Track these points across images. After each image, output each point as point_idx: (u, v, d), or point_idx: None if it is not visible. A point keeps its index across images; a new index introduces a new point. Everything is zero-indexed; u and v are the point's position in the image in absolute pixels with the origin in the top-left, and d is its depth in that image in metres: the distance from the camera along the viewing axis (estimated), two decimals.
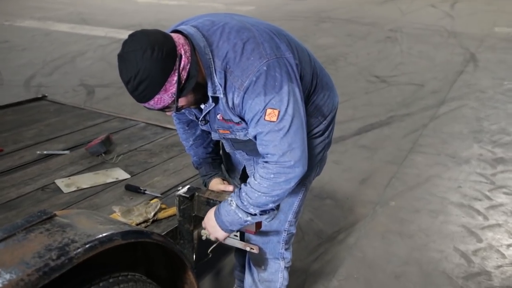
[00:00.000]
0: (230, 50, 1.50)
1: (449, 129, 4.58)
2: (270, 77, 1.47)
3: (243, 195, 1.61)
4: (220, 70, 1.50)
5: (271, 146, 1.51)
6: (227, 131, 1.68)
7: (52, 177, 2.37)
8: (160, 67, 1.38)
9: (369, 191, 3.53)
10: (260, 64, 1.47)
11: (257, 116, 1.49)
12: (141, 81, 1.38)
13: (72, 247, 1.23)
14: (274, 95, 1.47)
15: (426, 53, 7.25)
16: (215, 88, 1.52)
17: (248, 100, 1.49)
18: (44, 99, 3.63)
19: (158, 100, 1.43)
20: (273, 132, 1.49)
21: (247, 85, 1.47)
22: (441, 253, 2.84)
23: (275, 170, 1.53)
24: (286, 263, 2.02)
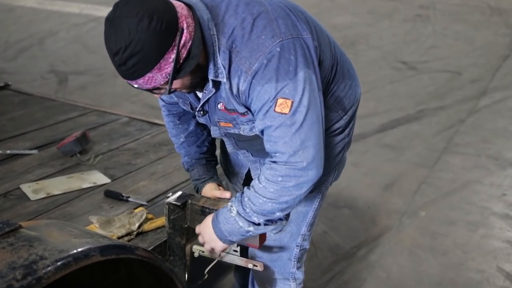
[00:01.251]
0: (238, 26, 1.48)
1: (491, 126, 4.57)
2: (284, 60, 1.45)
3: (245, 201, 1.58)
4: (224, 49, 1.48)
5: (280, 143, 1.48)
6: (230, 124, 1.65)
7: (17, 182, 2.37)
8: (157, 40, 1.34)
9: (394, 198, 3.53)
10: (272, 44, 1.45)
11: (266, 107, 1.47)
12: (132, 55, 1.34)
13: (40, 265, 1.23)
14: (287, 82, 1.45)
15: (464, 34, 7.23)
16: (217, 71, 1.50)
17: (256, 86, 1.46)
18: (7, 88, 3.64)
19: (149, 79, 1.40)
20: (284, 126, 1.46)
21: (256, 68, 1.45)
22: (482, 274, 2.83)
23: (284, 172, 1.50)
24: (297, 284, 2.00)
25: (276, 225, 1.64)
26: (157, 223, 2.01)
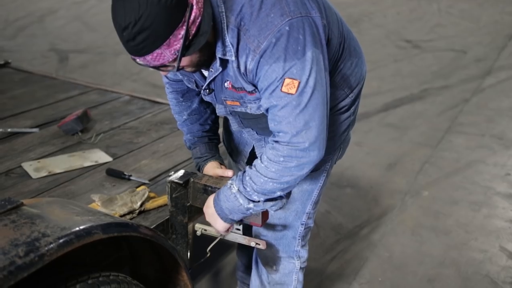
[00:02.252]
0: (246, 3, 1.46)
1: (496, 105, 4.56)
2: (293, 39, 1.44)
3: (246, 179, 1.57)
4: (233, 27, 1.46)
5: (284, 122, 1.47)
6: (237, 103, 1.64)
7: (18, 160, 2.37)
8: (167, 16, 1.31)
9: (397, 178, 3.54)
10: (281, 22, 1.44)
11: (273, 86, 1.46)
12: (142, 30, 1.31)
13: (43, 242, 1.24)
14: (295, 61, 1.44)
15: (469, 13, 7.19)
16: (225, 49, 1.49)
17: (264, 65, 1.45)
18: (7, 66, 3.64)
19: (157, 56, 1.38)
20: (289, 106, 1.45)
21: (265, 47, 1.43)
22: (484, 254, 2.84)
23: (285, 153, 1.50)
24: (301, 263, 2.02)
25: (275, 202, 1.63)
26: (159, 202, 2.01)
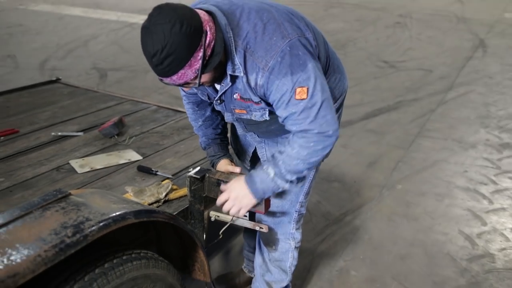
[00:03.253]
0: (251, 30, 1.48)
1: (456, 114, 4.55)
2: (295, 56, 1.46)
3: (280, 164, 1.58)
4: (240, 49, 1.48)
5: (307, 122, 1.50)
6: (244, 111, 1.65)
7: (66, 158, 2.38)
8: (188, 42, 1.33)
9: (376, 174, 3.53)
10: (283, 44, 1.46)
11: (286, 96, 1.48)
12: (168, 55, 1.33)
13: (86, 225, 1.25)
14: (300, 73, 1.46)
15: (435, 39, 7.17)
16: (234, 67, 1.50)
17: (274, 80, 1.47)
18: (58, 82, 3.64)
19: (181, 75, 1.40)
20: (307, 109, 1.49)
21: (272, 65, 1.45)
22: (446, 236, 2.84)
23: (315, 139, 1.53)
24: (296, 243, 2.03)
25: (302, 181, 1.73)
26: (180, 193, 2.01)
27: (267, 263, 2.07)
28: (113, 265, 1.33)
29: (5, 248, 1.15)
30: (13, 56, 6.52)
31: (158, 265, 1.47)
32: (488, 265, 2.59)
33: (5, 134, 2.63)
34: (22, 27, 8.15)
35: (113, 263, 1.33)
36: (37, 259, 1.12)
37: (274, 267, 2.06)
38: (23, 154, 2.42)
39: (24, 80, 5.14)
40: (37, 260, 1.12)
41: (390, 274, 2.54)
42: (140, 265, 1.40)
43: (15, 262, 1.11)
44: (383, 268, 2.59)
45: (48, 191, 1.41)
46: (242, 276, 2.46)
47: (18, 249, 1.14)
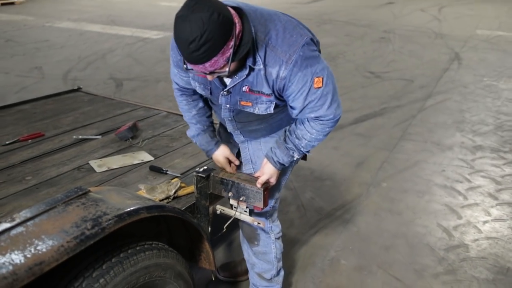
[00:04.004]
0: (272, 28, 1.48)
1: (434, 120, 4.55)
2: (310, 51, 1.50)
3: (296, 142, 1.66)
4: (262, 44, 1.46)
5: (324, 108, 1.55)
6: (250, 103, 1.61)
7: (86, 159, 2.38)
8: (223, 30, 1.29)
9: (363, 173, 3.53)
10: (302, 41, 1.48)
11: (307, 86, 1.50)
12: (206, 42, 1.27)
13: (104, 219, 1.25)
14: (316, 65, 1.50)
15: (415, 52, 7.18)
16: (255, 60, 1.47)
17: (297, 72, 1.47)
18: (79, 90, 3.64)
19: (214, 62, 1.34)
20: (323, 96, 1.53)
21: (296, 58, 1.46)
22: (426, 228, 2.84)
23: (330, 123, 1.60)
24: (275, 234, 2.00)
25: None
26: (188, 190, 2.01)
27: (252, 257, 2.04)
28: (128, 255, 1.33)
29: (32, 239, 1.15)
30: (40, 67, 6.52)
31: (168, 255, 1.47)
32: (463, 254, 2.59)
33: (32, 138, 2.63)
34: (48, 42, 8.15)
35: (128, 253, 1.34)
36: (61, 249, 1.12)
37: (260, 259, 2.03)
38: (48, 155, 2.43)
39: (49, 89, 5.14)
40: (60, 250, 1.12)
41: (376, 263, 2.54)
42: (152, 255, 1.40)
43: (41, 251, 1.11)
44: (370, 257, 2.58)
45: (70, 188, 1.41)
46: (243, 264, 2.46)
47: (44, 240, 1.14)
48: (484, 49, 7.31)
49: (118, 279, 1.29)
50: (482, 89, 5.45)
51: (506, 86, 5.54)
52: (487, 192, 3.23)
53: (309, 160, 3.31)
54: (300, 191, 3.25)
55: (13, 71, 6.37)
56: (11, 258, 1.08)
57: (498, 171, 3.52)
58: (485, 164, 3.64)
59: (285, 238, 2.56)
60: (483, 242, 2.71)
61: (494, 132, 4.22)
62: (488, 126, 4.36)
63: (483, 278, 2.41)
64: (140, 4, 12.50)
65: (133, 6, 12.13)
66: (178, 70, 1.72)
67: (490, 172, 3.51)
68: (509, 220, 2.91)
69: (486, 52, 7.15)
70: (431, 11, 10.89)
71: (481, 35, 8.34)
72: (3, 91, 5.47)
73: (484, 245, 2.67)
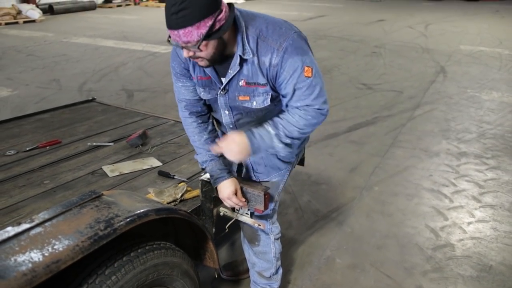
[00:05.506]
0: (262, 22, 1.49)
1: (422, 128, 4.54)
2: (300, 42, 1.49)
3: (280, 127, 1.55)
4: (253, 35, 1.47)
5: (311, 98, 1.51)
6: (247, 97, 1.57)
7: (99, 164, 2.38)
8: (205, 6, 1.30)
9: (357, 178, 3.52)
10: (291, 32, 1.49)
11: (297, 73, 1.47)
12: (184, 8, 1.28)
13: (116, 220, 1.25)
14: (306, 56, 1.49)
15: (404, 66, 7.19)
16: (244, 51, 1.47)
17: (288, 59, 1.46)
18: (93, 101, 3.65)
19: (188, 32, 1.32)
20: (311, 87, 1.49)
21: (286, 46, 1.45)
22: (415, 229, 2.83)
23: (313, 114, 1.54)
24: (275, 235, 1.98)
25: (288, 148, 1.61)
26: (193, 193, 2.01)
27: (253, 256, 2.03)
28: (137, 254, 1.33)
29: (50, 238, 1.15)
30: (57, 80, 6.54)
31: (175, 254, 1.47)
32: (449, 253, 2.58)
33: (50, 144, 2.64)
34: (65, 56, 8.18)
35: (137, 252, 1.33)
36: (76, 248, 1.12)
37: (260, 259, 2.02)
38: (64, 161, 2.43)
39: (66, 100, 5.15)
40: (75, 249, 1.12)
41: (369, 261, 2.52)
42: (160, 254, 1.40)
43: (58, 250, 1.11)
44: (363, 256, 2.57)
45: (84, 192, 1.41)
46: (245, 263, 2.44)
47: (60, 240, 1.14)
48: (467, 63, 7.32)
49: (129, 277, 1.28)
50: (466, 100, 5.45)
51: (488, 97, 5.54)
52: (471, 195, 3.22)
53: (307, 166, 3.31)
54: (298, 195, 3.25)
55: (33, 83, 6.39)
56: (31, 256, 1.08)
57: (481, 175, 3.52)
58: (469, 169, 3.63)
59: (284, 238, 2.56)
60: (467, 242, 2.69)
61: (477, 140, 4.21)
62: (471, 134, 4.36)
63: (467, 275, 2.40)
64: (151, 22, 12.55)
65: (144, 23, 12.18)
66: (182, 80, 1.68)
67: (473, 176, 3.50)
68: (491, 221, 2.90)
69: (469, 65, 7.15)
70: (418, 28, 10.92)
71: (464, 50, 8.36)
72: (24, 102, 5.49)
73: (469, 245, 2.66)
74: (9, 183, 2.14)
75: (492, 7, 15.41)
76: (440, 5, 16.16)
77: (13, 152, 2.52)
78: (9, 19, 12.23)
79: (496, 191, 3.27)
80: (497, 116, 4.87)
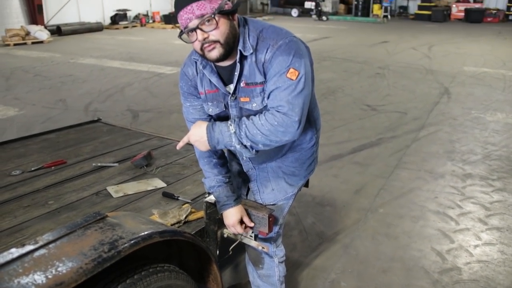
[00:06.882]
0: (264, 25, 1.54)
1: (427, 149, 4.53)
2: (297, 45, 1.50)
3: (243, 127, 1.49)
4: (254, 34, 1.50)
5: (284, 100, 1.45)
6: (247, 98, 1.55)
7: (104, 185, 2.39)
8: None
9: (361, 200, 3.50)
10: (290, 35, 1.52)
11: (281, 71, 1.46)
12: None
13: (120, 243, 1.25)
14: (298, 59, 1.47)
15: (408, 87, 7.22)
16: (245, 46, 1.49)
17: (278, 56, 1.46)
18: (99, 121, 3.69)
19: (201, 5, 1.39)
20: (289, 89, 1.45)
21: (281, 43, 1.47)
22: (421, 252, 2.79)
23: (280, 120, 1.45)
24: (279, 258, 1.96)
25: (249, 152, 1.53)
26: (198, 215, 2.01)
27: (257, 279, 2.01)
28: (141, 276, 1.32)
29: (54, 260, 1.15)
30: (64, 100, 6.61)
31: (179, 277, 1.46)
32: (456, 277, 2.54)
33: (55, 165, 2.65)
34: (71, 76, 8.29)
35: (141, 274, 1.33)
36: (79, 271, 1.12)
37: (264, 282, 2.00)
38: (69, 181, 2.44)
39: (72, 120, 5.19)
40: (79, 271, 1.12)
41: (374, 285, 2.49)
42: (164, 276, 1.39)
43: (62, 272, 1.10)
44: (368, 280, 2.54)
45: (89, 213, 1.41)
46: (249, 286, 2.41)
47: (64, 262, 1.14)
48: (471, 84, 7.34)
49: None
50: (471, 121, 5.45)
51: (492, 118, 5.55)
52: (477, 218, 3.19)
53: (311, 187, 3.30)
54: (302, 216, 3.23)
55: (40, 103, 6.46)
56: (34, 278, 1.08)
57: (487, 197, 3.49)
58: (475, 191, 3.60)
59: (288, 260, 2.53)
60: (474, 265, 2.66)
61: (483, 161, 4.20)
62: (476, 156, 4.34)
63: None
64: (156, 43, 12.73)
65: (150, 45, 12.35)
66: (190, 100, 1.70)
67: (479, 198, 3.48)
68: (498, 244, 2.86)
69: (473, 87, 7.18)
70: (422, 50, 11.01)
71: (468, 71, 8.40)
72: (30, 121, 5.54)
73: (476, 268, 2.63)
74: (13, 203, 2.15)
75: (495, 29, 15.54)
76: (443, 27, 16.32)
77: (19, 172, 2.54)
78: (18, 40, 12.45)
79: (502, 213, 3.24)
80: (502, 137, 4.86)
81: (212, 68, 1.58)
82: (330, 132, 4.97)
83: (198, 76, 1.63)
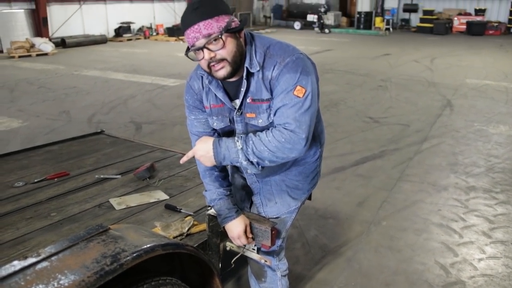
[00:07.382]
0: (271, 42, 1.54)
1: (430, 162, 4.52)
2: (304, 63, 1.50)
3: (250, 143, 1.49)
4: (260, 51, 1.51)
5: (291, 117, 1.45)
6: (253, 114, 1.55)
7: (107, 197, 2.39)
8: (221, 5, 1.43)
9: (364, 212, 3.49)
10: (298, 51, 1.52)
11: (288, 89, 1.46)
12: (204, 4, 1.39)
13: (122, 255, 1.24)
14: (305, 76, 1.47)
15: (411, 99, 7.23)
16: (251, 63, 1.50)
17: (285, 73, 1.47)
18: (102, 133, 3.70)
19: (208, 24, 1.39)
20: (296, 106, 1.45)
21: (288, 61, 1.47)
22: (424, 265, 2.77)
23: (287, 136, 1.45)
24: (282, 271, 1.94)
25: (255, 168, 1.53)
26: (200, 228, 2.01)
27: None
28: None
29: (56, 273, 1.15)
30: (67, 111, 6.65)
31: None
32: None
33: (58, 176, 2.66)
34: (75, 88, 8.34)
35: None
36: (81, 284, 1.11)
37: None
38: (72, 193, 2.45)
39: (75, 131, 5.22)
40: (81, 284, 1.11)
41: None
42: None
43: (64, 286, 1.10)
44: None
45: (91, 225, 1.41)
46: None
47: (66, 275, 1.14)
48: (474, 97, 7.35)
49: None
50: (473, 133, 5.44)
51: (495, 130, 5.54)
52: (481, 231, 3.17)
53: (314, 200, 3.29)
54: (305, 229, 3.22)
55: (44, 114, 6.49)
56: None
57: (490, 210, 3.47)
58: (479, 204, 3.59)
59: (291, 274, 2.51)
60: (479, 279, 2.63)
61: (486, 174, 4.18)
62: (480, 168, 4.33)
63: None
64: (160, 55, 12.83)
65: (153, 57, 12.44)
66: (195, 113, 1.70)
67: (483, 211, 3.46)
68: (503, 258, 2.84)
69: (476, 99, 7.19)
70: (424, 62, 11.05)
71: (470, 83, 8.41)
72: (34, 133, 5.57)
73: (480, 282, 2.60)
74: (16, 215, 2.15)
75: (496, 42, 15.60)
76: (445, 40, 16.39)
77: (22, 183, 2.55)
78: (22, 52, 12.56)
79: (507, 227, 3.22)
80: (505, 149, 4.85)
81: (218, 83, 1.59)
82: (332, 144, 4.97)
83: (204, 90, 1.63)
